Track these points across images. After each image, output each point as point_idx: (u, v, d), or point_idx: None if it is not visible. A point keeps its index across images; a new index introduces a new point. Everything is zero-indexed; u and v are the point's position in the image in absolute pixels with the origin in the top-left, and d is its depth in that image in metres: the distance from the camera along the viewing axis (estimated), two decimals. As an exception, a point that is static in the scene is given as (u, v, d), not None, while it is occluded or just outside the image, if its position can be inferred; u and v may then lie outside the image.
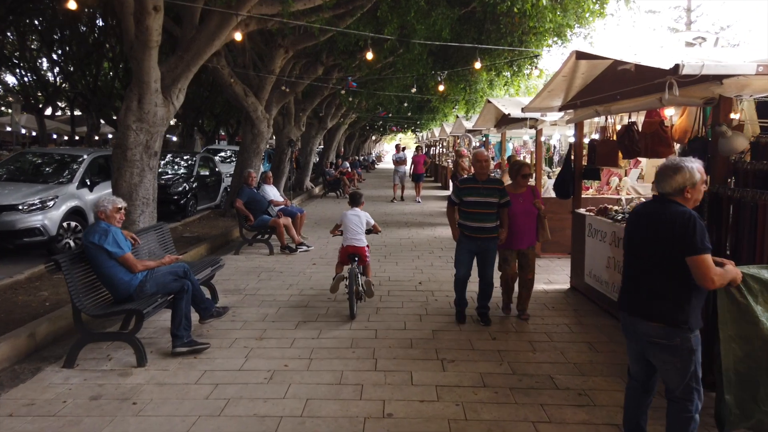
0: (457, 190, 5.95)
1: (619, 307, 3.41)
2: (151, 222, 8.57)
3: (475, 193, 5.78)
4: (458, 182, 6.04)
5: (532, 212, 6.03)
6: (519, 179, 6.11)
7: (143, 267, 4.99)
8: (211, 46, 8.65)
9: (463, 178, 6.24)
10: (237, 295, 7.10)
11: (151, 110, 8.22)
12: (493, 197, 5.75)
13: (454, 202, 6.03)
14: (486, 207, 5.74)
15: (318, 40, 12.27)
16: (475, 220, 5.76)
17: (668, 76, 4.12)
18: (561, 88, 6.86)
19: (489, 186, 5.81)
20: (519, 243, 6.02)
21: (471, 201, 5.77)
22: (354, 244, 6.56)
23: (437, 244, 10.99)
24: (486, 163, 5.88)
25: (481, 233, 5.78)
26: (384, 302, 6.83)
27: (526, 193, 6.08)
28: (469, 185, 5.87)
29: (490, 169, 5.94)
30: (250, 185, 9.95)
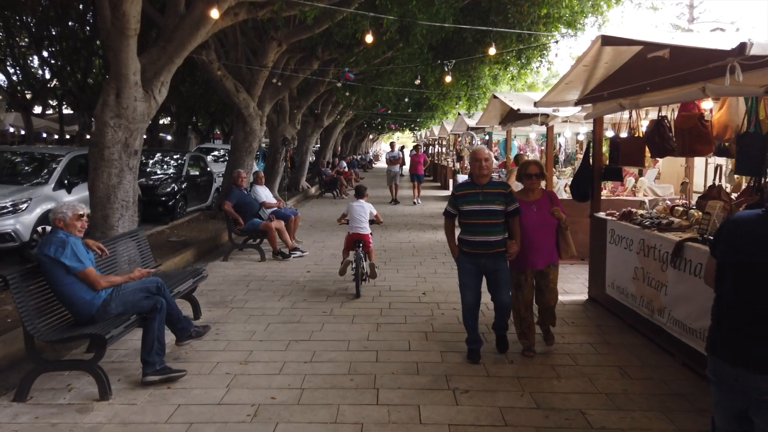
0: (453, 199, 4.89)
1: (714, 352, 2.56)
2: (132, 227, 7.89)
3: (474, 201, 4.71)
4: (453, 188, 5.10)
5: (551, 223, 4.94)
6: (526, 182, 5.04)
7: (108, 283, 4.32)
8: (196, 36, 7.98)
9: (458, 184, 5.10)
10: (222, 309, 6.43)
11: (130, 105, 7.54)
12: (496, 204, 4.69)
13: (451, 214, 4.93)
14: (489, 216, 4.67)
15: (313, 32, 11.61)
16: (477, 232, 4.70)
17: (729, 59, 3.46)
18: (580, 79, 6.20)
19: (490, 191, 4.73)
20: (535, 262, 4.91)
21: (470, 210, 4.73)
22: (359, 232, 7.31)
23: (440, 248, 10.33)
24: (487, 162, 4.73)
25: (484, 248, 4.69)
26: (385, 316, 6.17)
27: (542, 200, 5.01)
28: (466, 191, 4.80)
29: (491, 170, 4.82)
30: (240, 186, 9.28)
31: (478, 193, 4.74)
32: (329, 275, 8.10)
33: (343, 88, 15.57)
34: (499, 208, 4.70)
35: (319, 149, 28.59)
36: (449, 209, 4.94)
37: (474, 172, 4.81)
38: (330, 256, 9.53)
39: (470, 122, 15.67)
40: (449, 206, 4.94)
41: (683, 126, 5.17)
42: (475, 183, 4.81)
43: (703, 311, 4.46)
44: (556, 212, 4.94)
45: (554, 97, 7.01)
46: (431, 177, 29.80)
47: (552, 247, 4.98)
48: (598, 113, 6.52)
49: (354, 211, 7.39)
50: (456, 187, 5.04)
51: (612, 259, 6.16)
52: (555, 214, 4.93)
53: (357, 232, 7.28)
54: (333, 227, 12.72)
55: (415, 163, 18.81)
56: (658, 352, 5.09)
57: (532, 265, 4.94)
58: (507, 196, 4.76)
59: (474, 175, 4.83)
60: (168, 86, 8.20)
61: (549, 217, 4.94)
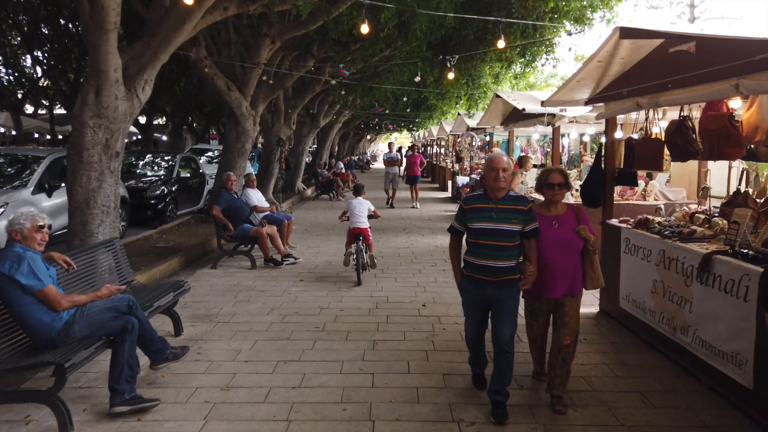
0: (461, 213, 4.10)
1: None
2: (113, 234, 7.42)
3: (486, 217, 3.91)
4: (462, 201, 4.21)
5: (574, 244, 4.09)
6: (548, 193, 4.18)
7: (70, 303, 3.85)
8: (182, 31, 7.50)
9: (469, 194, 4.31)
10: (207, 323, 5.96)
11: (110, 104, 7.07)
12: (512, 223, 3.88)
13: (457, 231, 4.14)
14: (502, 237, 3.87)
15: (307, 29, 11.15)
16: (485, 255, 3.90)
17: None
18: (593, 76, 5.75)
19: (507, 206, 3.91)
20: (553, 289, 4.08)
21: (480, 228, 3.91)
22: (359, 226, 7.98)
23: (440, 254, 9.87)
24: (505, 173, 3.89)
25: (491, 275, 3.90)
26: (382, 332, 5.71)
27: (566, 216, 4.18)
28: (477, 205, 3.99)
29: (509, 181, 4.00)
30: (230, 190, 8.80)
31: (491, 208, 3.91)
32: (323, 285, 7.64)
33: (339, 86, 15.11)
34: (514, 228, 3.89)
35: (316, 150, 28.13)
36: (455, 225, 4.14)
37: (489, 183, 3.96)
38: (324, 263, 9.07)
39: (470, 122, 15.22)
40: (456, 221, 4.15)
41: (710, 127, 4.72)
42: (488, 196, 3.97)
43: (734, 332, 4.01)
44: (582, 232, 4.06)
45: (563, 95, 6.57)
46: (430, 178, 29.36)
47: (574, 273, 4.10)
48: (611, 113, 6.07)
49: (354, 208, 8.10)
50: (465, 199, 4.16)
51: (627, 271, 5.71)
52: (581, 233, 4.06)
53: (357, 227, 7.99)
54: (329, 231, 12.26)
55: (411, 164, 17.83)
56: (682, 375, 4.64)
57: (547, 292, 4.10)
58: (526, 214, 3.93)
59: (488, 187, 3.97)
60: (152, 84, 7.72)
61: (573, 236, 4.08)
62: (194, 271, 8.42)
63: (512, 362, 3.97)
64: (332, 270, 8.56)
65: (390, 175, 17.42)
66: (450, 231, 4.24)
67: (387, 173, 17.55)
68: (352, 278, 7.92)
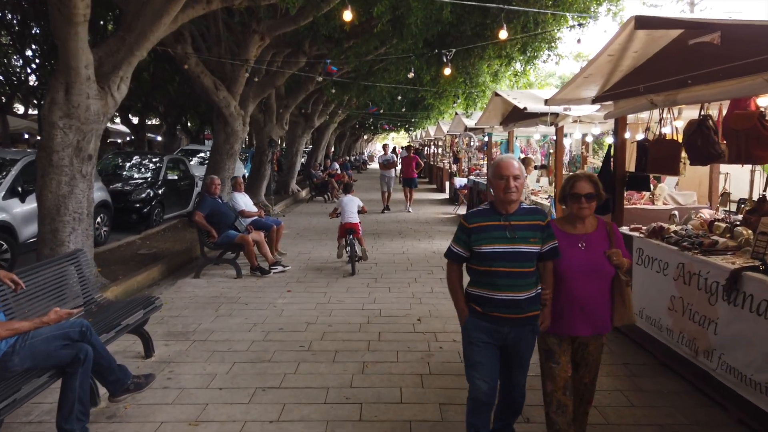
0: (463, 234, 3.20)
1: None
2: (86, 243, 6.94)
3: (499, 238, 3.09)
4: (464, 218, 3.27)
5: (605, 271, 3.23)
6: (573, 206, 3.29)
7: (9, 332, 3.34)
8: (159, 25, 7.01)
9: (472, 210, 3.34)
10: (182, 342, 5.46)
11: (82, 103, 6.59)
12: (531, 243, 3.10)
13: (459, 256, 3.24)
14: (520, 262, 3.08)
15: (298, 24, 10.67)
16: (505, 286, 3.07)
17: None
18: (602, 72, 5.27)
19: (522, 222, 3.13)
20: (576, 326, 3.23)
21: (491, 253, 3.07)
22: (350, 221, 8.63)
23: (436, 261, 9.39)
24: (517, 181, 3.10)
25: (516, 310, 3.08)
26: (373, 351, 5.22)
27: (596, 235, 3.30)
28: (484, 223, 3.15)
29: (522, 192, 3.17)
30: (214, 194, 8.30)
31: (503, 226, 3.10)
32: (312, 295, 7.16)
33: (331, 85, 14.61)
34: (533, 250, 3.10)
35: (311, 150, 27.64)
36: (456, 249, 3.23)
37: (498, 195, 3.15)
38: (315, 271, 8.58)
39: (468, 122, 14.74)
40: (456, 244, 3.23)
41: (737, 127, 4.24)
42: (497, 211, 3.16)
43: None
44: (614, 257, 3.20)
45: (569, 93, 6.09)
46: (427, 179, 28.90)
47: (604, 307, 3.28)
48: (621, 112, 5.60)
49: (345, 204, 8.78)
50: (468, 216, 3.26)
51: (640, 284, 5.22)
52: (612, 258, 3.20)
53: (349, 222, 8.63)
54: (321, 236, 11.77)
55: (407, 166, 16.78)
56: (706, 404, 4.16)
57: (572, 328, 3.24)
58: (544, 230, 3.16)
59: (497, 199, 3.17)
60: (128, 82, 7.24)
61: (604, 261, 3.22)
62: (175, 281, 7.92)
63: (524, 400, 3.38)
64: (323, 278, 8.08)
65: (385, 178, 16.38)
66: (448, 257, 3.29)
67: (382, 176, 16.50)
68: (347, 270, 8.49)
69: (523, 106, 7.77)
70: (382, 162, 16.78)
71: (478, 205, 3.53)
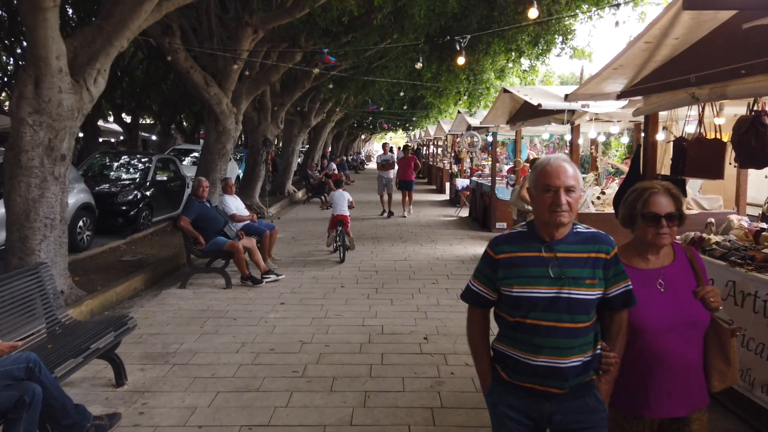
0: (487, 267, 2.28)
1: None
2: (59, 251, 6.34)
3: (538, 276, 2.16)
4: (490, 245, 2.31)
5: (698, 320, 2.34)
6: (649, 230, 2.37)
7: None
8: (140, 12, 6.39)
9: (499, 235, 2.33)
10: (160, 366, 4.85)
11: (53, 98, 5.98)
12: (586, 285, 2.15)
13: (480, 299, 2.31)
14: (567, 312, 2.13)
15: (293, 17, 10.06)
16: (540, 347, 2.14)
17: None
18: (635, 62, 4.68)
19: (575, 254, 2.17)
20: (666, 402, 2.33)
21: (529, 297, 2.15)
22: (341, 213, 9.58)
23: (441, 268, 8.79)
24: (573, 196, 2.13)
25: (557, 382, 2.14)
26: (376, 379, 4.62)
27: (676, 268, 2.43)
28: (518, 252, 2.22)
29: (576, 211, 2.19)
30: (201, 197, 7.69)
31: (546, 259, 2.16)
32: (308, 309, 6.55)
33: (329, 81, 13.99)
34: (590, 295, 2.14)
35: (308, 150, 27.03)
36: (477, 288, 2.30)
37: (541, 215, 2.17)
38: (311, 280, 7.98)
39: (472, 121, 14.13)
40: (477, 281, 2.30)
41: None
42: (538, 237, 2.21)
43: None
44: (710, 297, 2.33)
45: (592, 87, 5.49)
46: (426, 179, 28.32)
47: (699, 372, 2.39)
48: (653, 108, 5.01)
49: (336, 199, 9.80)
50: (496, 241, 2.29)
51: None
52: (708, 300, 2.33)
53: (340, 214, 9.58)
54: (318, 239, 11.16)
55: (404, 168, 15.36)
56: (767, 447, 3.57)
57: (659, 409, 2.33)
58: (611, 266, 2.19)
59: (539, 220, 2.20)
60: (106, 75, 6.63)
61: (694, 305, 2.34)
62: (160, 292, 7.31)
63: None
64: (319, 288, 7.47)
65: (384, 179, 15.17)
66: (466, 299, 2.35)
67: (381, 178, 15.24)
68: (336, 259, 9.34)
69: (537, 102, 7.15)
70: (380, 162, 15.57)
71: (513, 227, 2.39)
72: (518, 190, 8.72)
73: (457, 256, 9.78)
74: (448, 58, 13.53)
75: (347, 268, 8.78)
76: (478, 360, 2.37)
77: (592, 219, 7.41)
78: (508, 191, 11.41)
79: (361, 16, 11.04)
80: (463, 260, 9.41)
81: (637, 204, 2.42)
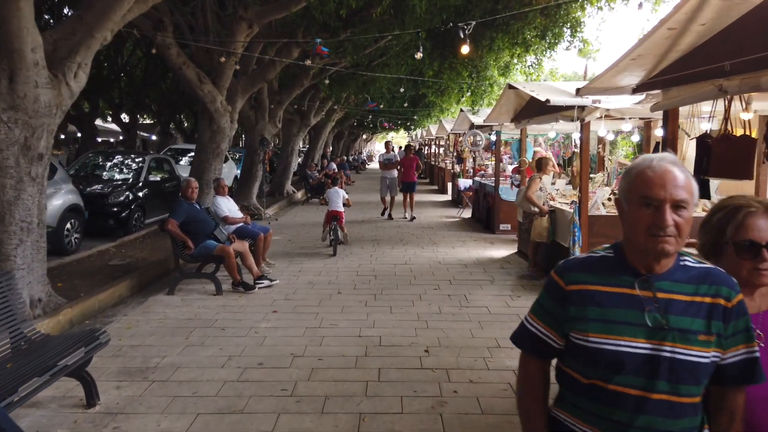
0: (553, 303, 1.68)
1: None
2: (36, 257, 5.96)
3: (629, 321, 1.55)
4: (558, 271, 1.69)
5: None
6: (743, 264, 1.83)
7: None
8: (122, 3, 6.01)
9: (572, 258, 1.73)
10: (138, 383, 4.46)
11: (29, 93, 5.61)
12: (698, 342, 1.53)
13: (539, 343, 1.71)
14: (669, 380, 1.52)
15: (289, 10, 9.70)
16: (622, 425, 1.54)
17: None
18: (656, 51, 4.28)
19: (683, 296, 1.57)
20: None
21: (610, 351, 1.54)
22: (336, 209, 9.99)
23: (443, 273, 8.40)
24: (683, 214, 1.51)
25: None
26: (372, 399, 4.22)
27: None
28: (599, 285, 1.61)
29: (686, 234, 1.54)
30: (190, 199, 7.30)
31: (642, 298, 1.58)
32: (302, 317, 6.17)
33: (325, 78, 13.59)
34: (704, 358, 1.54)
35: (308, 150, 26.66)
36: (535, 327, 1.72)
37: (636, 237, 1.58)
38: (307, 285, 7.60)
39: (475, 119, 13.72)
40: (537, 318, 1.73)
41: None
42: (631, 266, 1.62)
43: None
44: None
45: (606, 81, 5.10)
46: (428, 179, 27.93)
47: None
48: (674, 102, 4.61)
49: (331, 196, 10.27)
50: (567, 265, 1.71)
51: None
52: None
53: (334, 209, 10.01)
54: (316, 242, 10.77)
55: (407, 168, 14.55)
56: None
57: None
58: (730, 317, 1.59)
59: (634, 245, 1.61)
60: (88, 69, 6.25)
61: None
62: (146, 298, 6.93)
63: None
64: (314, 295, 7.08)
65: (387, 180, 14.56)
66: (518, 341, 1.78)
67: (384, 178, 14.65)
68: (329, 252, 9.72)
69: (545, 98, 6.76)
70: (383, 161, 14.99)
71: (593, 250, 1.76)
72: (524, 191, 8.33)
73: (459, 259, 9.39)
74: (450, 55, 13.16)
75: (345, 272, 8.39)
76: (528, 427, 1.73)
77: (603, 221, 7.02)
78: (513, 192, 11.02)
79: (360, 10, 10.66)
80: (466, 264, 9.02)
81: (727, 228, 1.84)
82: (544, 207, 7.92)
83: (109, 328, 5.78)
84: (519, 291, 7.32)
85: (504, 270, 8.58)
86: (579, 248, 6.88)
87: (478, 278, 8.04)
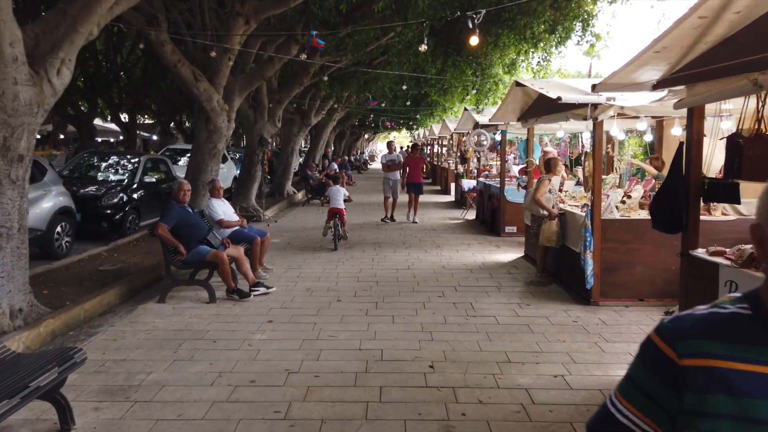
0: (651, 375, 1.10)
1: None
2: (17, 264, 5.62)
3: None
4: (664, 333, 1.12)
5: None
6: None
7: None
8: (108, -6, 5.67)
9: (688, 314, 1.13)
10: (119, 404, 4.11)
11: (7, 91, 5.28)
12: None
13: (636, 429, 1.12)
14: None
15: (287, 6, 9.36)
16: None
17: None
18: (682, 43, 3.92)
19: None
20: None
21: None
22: (337, 206, 10.41)
23: (447, 278, 8.05)
24: None
25: None
26: (372, 421, 3.87)
27: None
28: (739, 362, 1.03)
29: None
30: (182, 202, 6.96)
31: None
32: (299, 328, 5.82)
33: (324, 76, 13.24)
34: None
35: (309, 150, 26.32)
36: (625, 414, 1.13)
37: None
38: (305, 292, 7.26)
39: (480, 118, 13.35)
40: (627, 401, 1.13)
41: None
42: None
43: None
44: None
45: (624, 77, 4.74)
46: (430, 180, 27.57)
47: None
48: (700, 99, 4.25)
49: (333, 193, 10.67)
50: (681, 325, 1.11)
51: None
52: None
53: (336, 206, 10.40)
54: (315, 245, 10.43)
55: (413, 168, 13.95)
56: None
57: None
58: None
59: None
60: (72, 66, 5.91)
61: None
62: (135, 307, 6.59)
63: None
64: (313, 303, 6.74)
65: (390, 182, 13.88)
66: (598, 423, 1.19)
67: (386, 180, 13.94)
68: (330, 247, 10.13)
69: (556, 95, 6.40)
70: (386, 163, 14.30)
71: (718, 303, 1.14)
72: (532, 193, 7.97)
73: (464, 263, 9.04)
74: (453, 53, 12.82)
75: (345, 278, 8.05)
76: None
77: (617, 226, 6.66)
78: (519, 193, 10.65)
79: (361, 6, 10.32)
80: (471, 269, 8.67)
81: None
82: (554, 210, 7.56)
83: (93, 340, 5.46)
84: (528, 299, 6.97)
85: (511, 275, 8.23)
86: (591, 254, 6.52)
87: (485, 284, 7.69)
